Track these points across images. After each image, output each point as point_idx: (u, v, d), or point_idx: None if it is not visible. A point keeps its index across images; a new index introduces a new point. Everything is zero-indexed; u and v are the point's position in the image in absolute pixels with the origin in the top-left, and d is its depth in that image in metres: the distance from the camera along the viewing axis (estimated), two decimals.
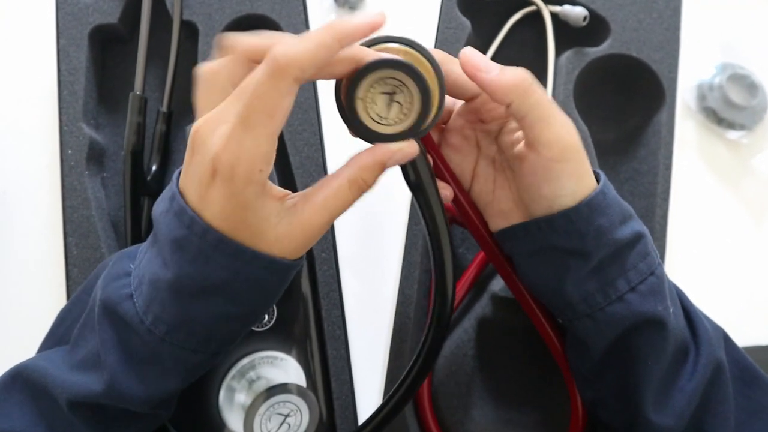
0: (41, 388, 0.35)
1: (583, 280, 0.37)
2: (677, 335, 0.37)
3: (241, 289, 0.32)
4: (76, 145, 0.51)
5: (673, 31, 0.56)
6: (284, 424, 0.47)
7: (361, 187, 0.32)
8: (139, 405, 0.34)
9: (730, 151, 0.59)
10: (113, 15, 0.53)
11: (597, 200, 0.35)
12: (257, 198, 0.30)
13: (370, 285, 0.52)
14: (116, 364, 0.33)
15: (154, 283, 0.32)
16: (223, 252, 0.31)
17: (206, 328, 0.33)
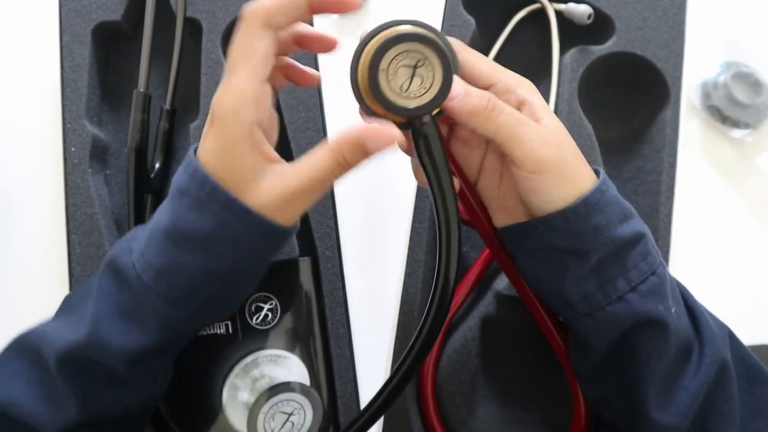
0: (36, 352, 0.37)
1: (583, 280, 0.37)
2: (679, 335, 0.37)
3: (225, 242, 0.33)
4: (79, 143, 0.51)
5: (678, 29, 0.55)
6: (288, 422, 0.47)
7: (339, 162, 0.33)
8: (116, 357, 0.35)
9: (735, 149, 0.59)
10: (116, 12, 0.53)
11: (594, 198, 0.35)
12: (243, 141, 0.32)
13: (374, 283, 0.52)
14: (103, 313, 0.35)
15: (152, 232, 0.35)
16: (217, 200, 0.33)
17: (189, 281, 0.34)
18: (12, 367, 0.38)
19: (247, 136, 0.33)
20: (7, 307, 0.52)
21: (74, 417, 0.36)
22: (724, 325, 0.41)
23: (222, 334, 0.49)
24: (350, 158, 0.33)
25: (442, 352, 0.50)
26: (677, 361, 0.38)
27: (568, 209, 0.35)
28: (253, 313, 0.49)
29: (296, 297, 0.50)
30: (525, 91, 0.36)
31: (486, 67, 0.36)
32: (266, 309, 0.49)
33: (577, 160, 0.36)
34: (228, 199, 0.33)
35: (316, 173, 0.33)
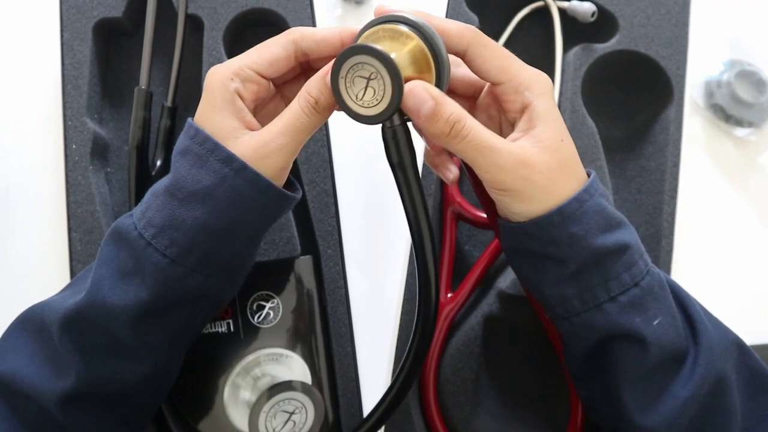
0: (39, 324, 0.39)
1: (561, 284, 0.37)
2: (663, 346, 0.37)
3: (224, 197, 0.35)
4: (80, 140, 0.51)
5: (682, 27, 0.55)
6: (289, 421, 0.47)
7: (309, 102, 0.35)
8: (115, 315, 0.36)
9: (738, 148, 0.58)
10: (118, 9, 0.53)
11: (570, 208, 0.35)
12: (224, 103, 0.36)
13: (376, 282, 0.52)
14: (103, 275, 0.36)
15: (154, 192, 0.37)
16: (218, 156, 0.35)
17: (188, 237, 0.35)
18: (16, 340, 0.39)
19: (228, 101, 0.36)
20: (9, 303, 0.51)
21: (73, 384, 0.37)
22: (732, 335, 0.40)
23: (223, 333, 0.48)
24: (318, 96, 0.35)
25: (445, 350, 0.50)
26: (663, 369, 0.37)
27: (541, 218, 0.35)
28: (255, 312, 0.49)
29: (298, 296, 0.50)
30: (532, 94, 0.35)
31: (497, 64, 0.36)
32: (268, 307, 0.49)
33: (550, 176, 0.35)
34: (228, 155, 0.35)
35: (290, 125, 0.35)
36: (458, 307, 0.50)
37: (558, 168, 0.35)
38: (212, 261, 0.37)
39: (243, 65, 0.36)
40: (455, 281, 0.52)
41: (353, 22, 0.57)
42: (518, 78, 0.35)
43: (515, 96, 0.36)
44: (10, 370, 0.37)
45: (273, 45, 0.37)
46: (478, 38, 0.36)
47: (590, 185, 0.36)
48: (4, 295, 0.52)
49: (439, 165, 0.41)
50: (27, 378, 0.37)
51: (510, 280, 0.50)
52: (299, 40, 0.37)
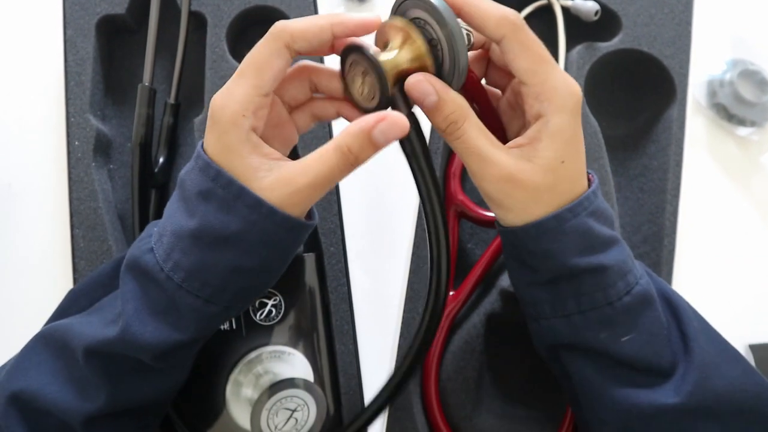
0: (61, 344, 0.37)
1: (535, 288, 0.37)
2: (632, 362, 0.36)
3: (254, 241, 0.34)
4: (83, 137, 0.51)
5: (685, 26, 0.55)
6: (291, 419, 0.47)
7: (345, 154, 0.33)
8: (149, 352, 0.35)
9: (741, 147, 0.58)
10: (121, 5, 0.53)
11: (548, 225, 0.35)
12: (241, 144, 0.34)
13: (379, 280, 0.52)
14: (133, 311, 0.35)
15: (177, 233, 0.35)
16: (245, 202, 0.33)
17: (221, 279, 0.35)
18: (38, 357, 0.38)
19: (244, 140, 0.34)
20: (12, 301, 0.52)
21: (102, 406, 0.36)
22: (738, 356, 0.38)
23: (226, 330, 0.48)
24: (357, 151, 0.33)
25: (447, 348, 0.50)
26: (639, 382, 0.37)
27: (518, 228, 0.35)
28: (257, 309, 0.49)
29: (301, 293, 0.50)
30: (550, 107, 0.34)
31: (525, 66, 0.34)
32: (270, 305, 0.49)
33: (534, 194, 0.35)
34: (255, 200, 0.33)
35: (322, 170, 0.33)
36: (460, 305, 0.50)
37: (546, 189, 0.35)
38: (244, 295, 0.37)
39: (250, 96, 0.34)
40: (457, 279, 0.52)
41: None
42: (542, 86, 0.34)
43: (533, 102, 0.35)
44: (32, 387, 0.37)
45: (269, 56, 0.34)
46: (515, 33, 0.34)
47: (578, 204, 0.35)
48: (7, 291, 0.52)
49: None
50: (50, 396, 0.36)
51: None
52: (291, 43, 0.34)
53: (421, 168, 0.36)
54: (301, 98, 0.38)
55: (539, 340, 0.40)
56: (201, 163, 0.35)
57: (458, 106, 0.34)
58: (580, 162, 0.36)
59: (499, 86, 0.40)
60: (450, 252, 0.38)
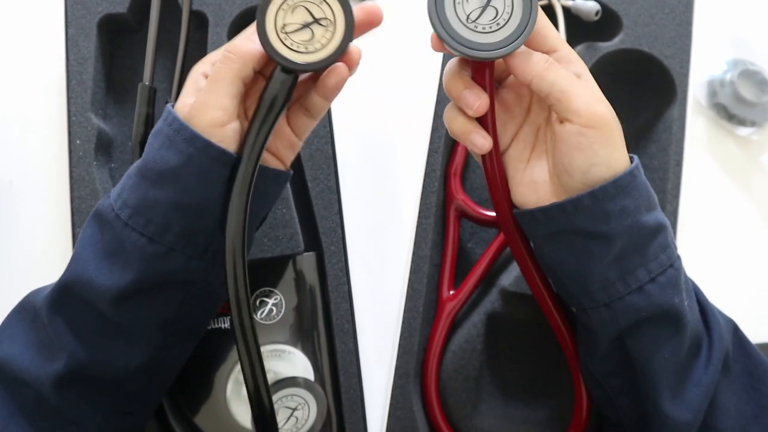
0: (32, 311, 0.40)
1: (605, 268, 0.37)
2: (693, 328, 0.38)
3: (192, 175, 0.36)
4: (85, 136, 0.51)
5: (685, 26, 0.55)
6: (292, 417, 0.47)
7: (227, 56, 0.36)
8: (102, 294, 0.36)
9: (741, 147, 0.59)
10: (122, 4, 0.53)
11: (625, 181, 0.36)
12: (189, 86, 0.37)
13: (380, 279, 0.52)
14: (88, 255, 0.37)
15: (128, 173, 0.38)
16: (183, 136, 0.35)
17: (162, 216, 0.36)
18: (12, 328, 0.40)
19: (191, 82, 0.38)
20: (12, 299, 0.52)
21: (66, 363, 0.37)
22: (730, 319, 0.41)
23: (226, 329, 0.49)
24: (231, 48, 0.36)
25: (447, 348, 0.50)
26: (689, 355, 0.38)
27: (597, 189, 0.35)
28: (258, 308, 0.49)
29: (301, 292, 0.50)
30: (581, 68, 0.37)
31: (554, 33, 0.37)
32: (270, 304, 0.49)
33: (620, 134, 0.37)
34: (192, 134, 0.35)
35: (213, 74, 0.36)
36: (460, 304, 0.51)
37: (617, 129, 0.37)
38: (191, 240, 0.37)
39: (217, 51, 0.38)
40: (457, 279, 0.52)
41: None
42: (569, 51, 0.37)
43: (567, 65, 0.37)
44: (6, 356, 0.38)
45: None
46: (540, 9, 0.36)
47: (638, 163, 0.37)
48: (8, 290, 0.52)
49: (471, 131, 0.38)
50: (23, 363, 0.38)
51: (513, 277, 0.50)
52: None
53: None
54: None
55: (607, 330, 0.38)
56: (164, 111, 0.38)
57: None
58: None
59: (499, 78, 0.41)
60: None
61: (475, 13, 0.34)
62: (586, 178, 0.36)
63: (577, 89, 0.35)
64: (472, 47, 0.34)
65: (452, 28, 0.34)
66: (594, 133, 0.35)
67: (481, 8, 0.34)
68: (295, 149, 0.41)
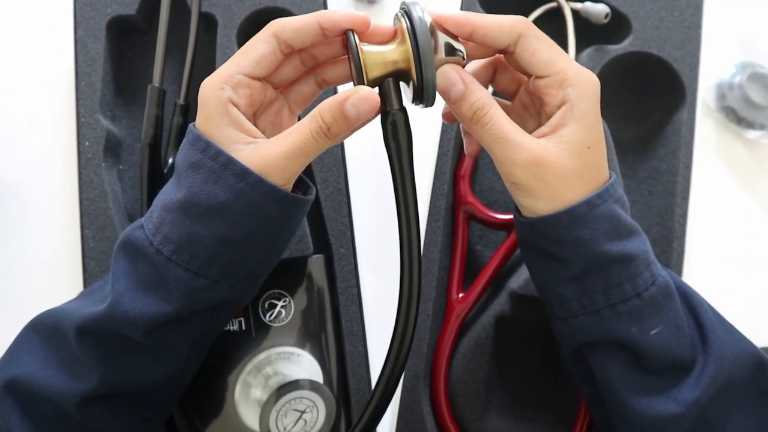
0: (52, 329, 0.38)
1: (563, 284, 0.37)
2: (661, 356, 0.37)
3: (241, 211, 0.35)
4: (93, 137, 0.51)
5: (695, 29, 0.55)
6: (300, 420, 0.47)
7: (320, 125, 0.34)
8: (138, 327, 0.36)
9: (750, 150, 0.58)
10: (132, 6, 0.53)
11: (579, 211, 0.35)
12: (218, 115, 0.35)
13: (389, 281, 0.52)
14: (123, 288, 0.36)
15: (166, 206, 0.36)
16: (232, 171, 0.34)
17: (209, 251, 0.35)
18: (29, 344, 0.39)
19: (222, 112, 0.35)
20: (22, 301, 0.52)
21: (95, 386, 0.37)
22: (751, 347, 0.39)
23: (235, 331, 0.48)
24: (330, 122, 0.34)
25: (456, 350, 0.50)
26: (665, 376, 0.37)
27: (549, 217, 0.35)
28: (267, 310, 0.49)
29: (310, 294, 0.50)
30: (574, 92, 0.35)
31: (545, 57, 0.35)
32: (280, 306, 0.49)
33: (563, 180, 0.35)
34: (242, 169, 0.34)
35: (297, 140, 0.34)
36: (469, 307, 0.50)
37: (574, 174, 0.35)
38: (234, 271, 0.37)
39: (231, 71, 0.35)
40: (467, 281, 0.52)
41: None
42: (564, 73, 0.35)
43: (557, 91, 0.35)
44: (25, 373, 0.37)
45: (256, 42, 0.36)
46: (530, 29, 0.35)
47: (605, 191, 0.36)
48: (17, 291, 0.52)
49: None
50: (44, 381, 0.37)
51: (522, 280, 0.50)
52: (279, 32, 0.35)
53: (402, 171, 0.36)
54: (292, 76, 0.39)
55: (566, 341, 0.40)
56: (191, 137, 0.36)
57: (485, 94, 0.35)
58: (603, 150, 0.37)
59: (509, 92, 0.41)
60: (420, 260, 0.38)
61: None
62: (532, 210, 0.36)
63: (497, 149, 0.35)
64: None
65: None
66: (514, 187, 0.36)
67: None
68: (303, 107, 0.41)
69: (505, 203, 0.55)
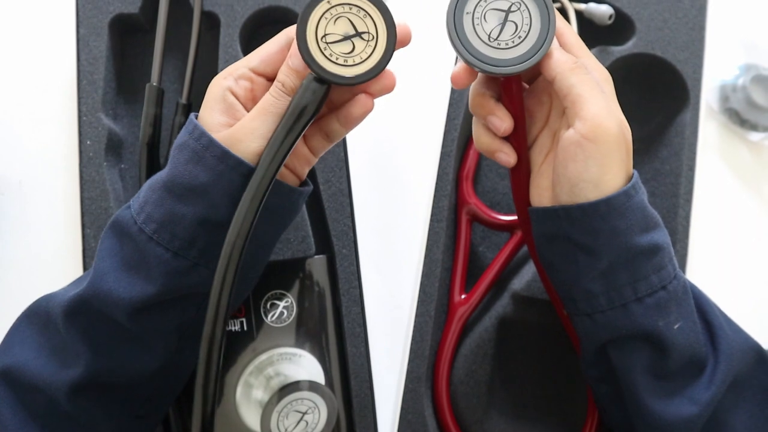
0: (44, 317, 0.39)
1: (591, 279, 0.37)
2: (681, 351, 0.37)
3: (221, 193, 0.36)
4: (95, 136, 0.51)
5: (698, 30, 0.55)
6: (302, 421, 0.47)
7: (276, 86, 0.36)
8: (122, 307, 0.36)
9: (753, 152, 0.58)
10: (134, 4, 0.52)
11: (618, 201, 0.35)
12: (215, 101, 0.37)
13: (391, 282, 0.52)
14: (108, 267, 0.37)
15: (152, 186, 0.37)
16: (213, 153, 0.35)
17: (189, 231, 0.36)
18: (23, 334, 0.39)
19: (219, 98, 0.37)
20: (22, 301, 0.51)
21: (82, 373, 0.37)
22: (752, 341, 0.40)
23: (237, 332, 0.48)
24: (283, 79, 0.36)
25: (458, 352, 0.50)
26: (683, 374, 0.38)
27: (588, 205, 0.35)
28: (269, 311, 0.49)
29: (312, 295, 0.49)
30: (603, 78, 0.37)
31: (575, 40, 0.37)
32: (282, 306, 0.49)
33: (622, 154, 0.36)
34: (223, 151, 0.35)
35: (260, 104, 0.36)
36: (472, 308, 0.50)
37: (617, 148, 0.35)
38: (215, 255, 0.36)
39: (238, 65, 0.37)
40: (469, 282, 0.52)
41: None
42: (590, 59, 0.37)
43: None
44: (18, 363, 0.38)
45: (269, 42, 0.38)
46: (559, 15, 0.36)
47: (636, 182, 0.37)
48: (18, 290, 0.52)
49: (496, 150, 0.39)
50: (35, 369, 0.37)
51: (524, 281, 0.50)
52: (290, 32, 0.37)
53: None
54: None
55: (590, 340, 0.39)
56: (187, 122, 0.37)
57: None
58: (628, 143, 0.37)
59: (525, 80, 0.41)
60: None
61: (496, 30, 0.34)
62: (573, 193, 0.36)
63: (593, 98, 0.35)
64: (498, 64, 0.35)
65: (475, 48, 0.35)
66: (591, 147, 0.35)
67: (500, 25, 0.34)
68: (310, 164, 0.41)
69: (507, 204, 0.54)
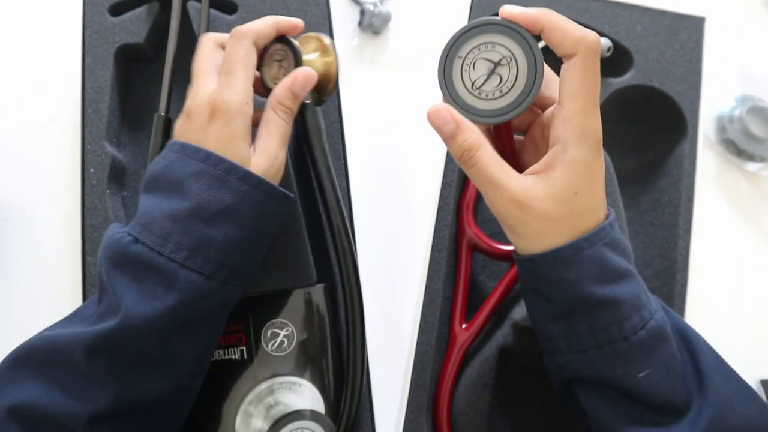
0: (50, 354, 0.38)
1: (550, 321, 0.38)
2: (648, 398, 0.36)
3: (247, 212, 0.38)
4: (99, 164, 0.51)
5: (695, 63, 0.56)
6: None
7: (284, 110, 0.41)
8: (152, 335, 0.36)
9: (750, 183, 0.59)
10: (140, 35, 0.53)
11: (564, 254, 0.35)
12: (246, 130, 0.39)
13: (392, 312, 0.52)
14: (131, 302, 0.36)
15: (173, 217, 0.37)
16: (236, 175, 0.37)
17: (220, 253, 0.37)
18: (22, 373, 0.38)
19: (248, 129, 0.39)
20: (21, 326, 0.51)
21: (104, 404, 0.36)
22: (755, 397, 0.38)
23: (237, 360, 0.48)
24: (290, 105, 0.41)
25: (459, 382, 0.50)
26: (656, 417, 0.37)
27: (535, 256, 0.36)
28: (269, 340, 0.49)
29: (312, 324, 0.49)
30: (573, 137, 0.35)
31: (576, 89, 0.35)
32: (282, 335, 0.49)
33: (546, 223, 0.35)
34: (245, 172, 0.38)
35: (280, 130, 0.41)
36: (472, 337, 0.50)
37: (559, 218, 0.35)
38: (241, 271, 0.39)
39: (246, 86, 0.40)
40: (470, 312, 0.52)
41: (370, 52, 0.58)
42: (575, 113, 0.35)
43: (560, 125, 0.35)
44: (28, 399, 0.37)
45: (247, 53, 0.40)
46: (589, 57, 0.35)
47: (595, 234, 0.36)
48: (18, 316, 0.52)
49: None
50: (49, 403, 0.37)
51: (524, 311, 0.50)
52: (256, 39, 0.41)
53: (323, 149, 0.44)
54: None
55: (555, 376, 0.40)
56: (188, 150, 0.38)
57: (473, 135, 0.36)
58: (595, 195, 0.36)
59: (520, 129, 0.41)
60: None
61: (480, 80, 0.36)
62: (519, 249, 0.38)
63: (483, 188, 0.37)
64: (473, 112, 0.36)
65: (456, 92, 0.36)
66: (501, 225, 0.38)
67: (485, 76, 0.35)
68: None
69: None
